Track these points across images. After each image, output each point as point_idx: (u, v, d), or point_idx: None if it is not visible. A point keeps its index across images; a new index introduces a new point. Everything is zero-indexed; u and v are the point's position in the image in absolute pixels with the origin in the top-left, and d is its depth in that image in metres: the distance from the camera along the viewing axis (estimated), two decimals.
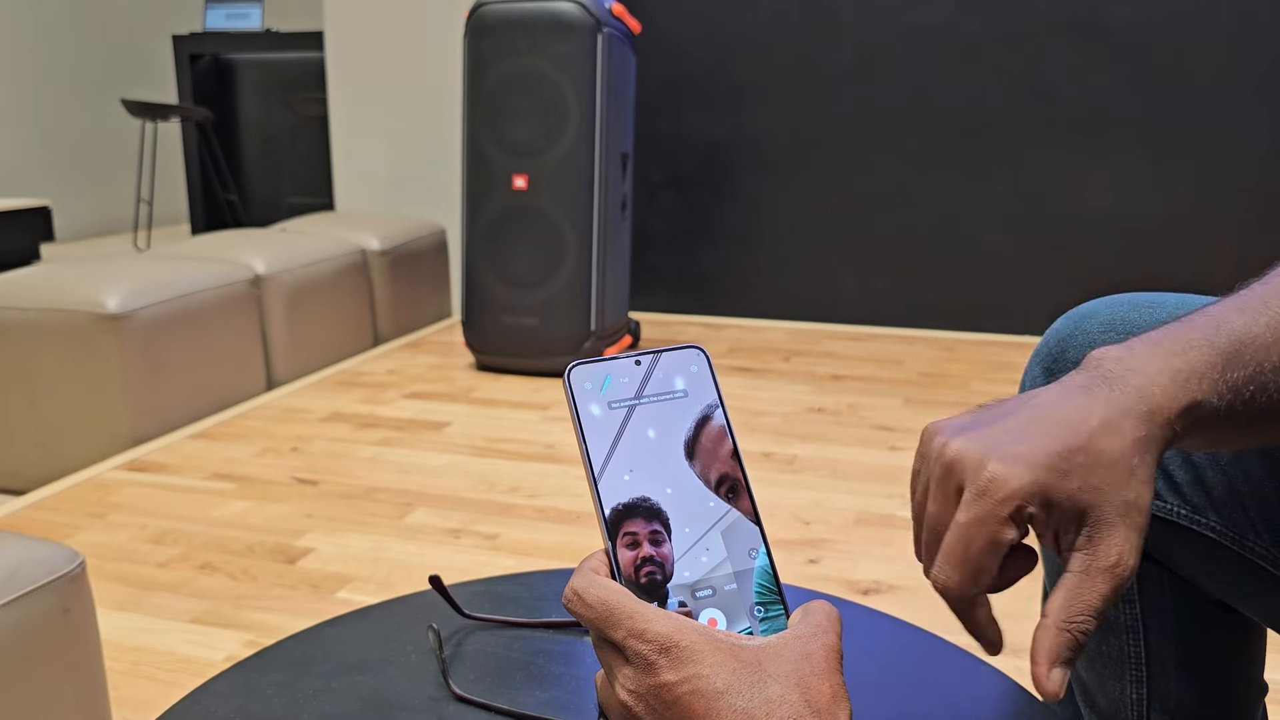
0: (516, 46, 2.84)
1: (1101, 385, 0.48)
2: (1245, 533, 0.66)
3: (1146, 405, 0.47)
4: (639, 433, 0.50)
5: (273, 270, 2.79)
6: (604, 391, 0.51)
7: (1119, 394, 0.48)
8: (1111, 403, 0.48)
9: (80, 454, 2.31)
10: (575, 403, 0.50)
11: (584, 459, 0.49)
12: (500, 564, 1.79)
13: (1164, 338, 0.50)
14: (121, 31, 6.76)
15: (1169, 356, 0.49)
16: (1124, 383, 0.48)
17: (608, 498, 0.48)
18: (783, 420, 2.54)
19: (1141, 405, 0.47)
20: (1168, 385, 0.48)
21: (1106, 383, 0.48)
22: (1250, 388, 0.49)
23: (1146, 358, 0.49)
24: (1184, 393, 0.48)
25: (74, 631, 1.04)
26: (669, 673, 0.43)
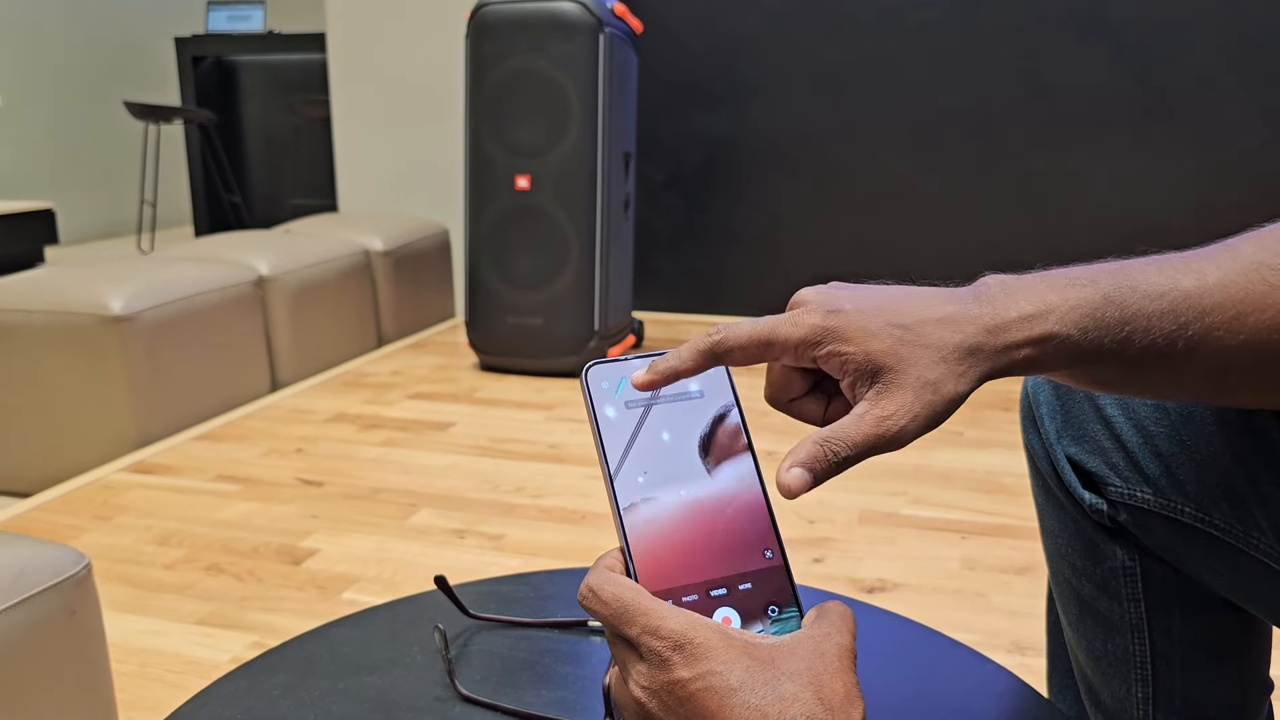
0: (518, 47, 2.84)
1: (969, 296, 0.51)
2: (1250, 530, 0.66)
3: (994, 321, 0.49)
4: (654, 433, 0.50)
5: (276, 271, 2.80)
6: (620, 392, 0.51)
7: (977, 307, 0.50)
8: (964, 310, 0.50)
9: (85, 456, 2.32)
10: (592, 402, 0.50)
11: (600, 458, 0.49)
12: (505, 564, 1.79)
13: (1056, 273, 0.52)
14: (124, 34, 6.77)
15: (1046, 290, 0.50)
16: (990, 300, 0.50)
17: (623, 497, 0.49)
18: (786, 419, 2.54)
19: (991, 319, 0.49)
20: (1029, 313, 0.49)
21: (976, 297, 0.51)
22: (1125, 329, 0.50)
23: (1026, 287, 0.51)
24: (1041, 323, 0.49)
25: (80, 634, 1.04)
26: (683, 669, 0.43)
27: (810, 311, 0.50)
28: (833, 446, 0.48)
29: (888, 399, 0.48)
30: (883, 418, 0.48)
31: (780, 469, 0.48)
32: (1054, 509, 0.79)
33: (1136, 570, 0.76)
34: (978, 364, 0.49)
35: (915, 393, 0.48)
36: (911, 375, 0.48)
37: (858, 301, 0.50)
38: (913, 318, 0.49)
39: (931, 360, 0.48)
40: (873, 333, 0.49)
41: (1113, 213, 3.27)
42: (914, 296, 0.51)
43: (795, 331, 0.50)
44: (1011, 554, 1.80)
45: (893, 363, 0.48)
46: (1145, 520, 0.71)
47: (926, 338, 0.49)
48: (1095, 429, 0.73)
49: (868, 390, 0.49)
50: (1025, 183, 3.33)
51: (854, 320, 0.49)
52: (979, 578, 1.72)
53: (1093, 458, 0.73)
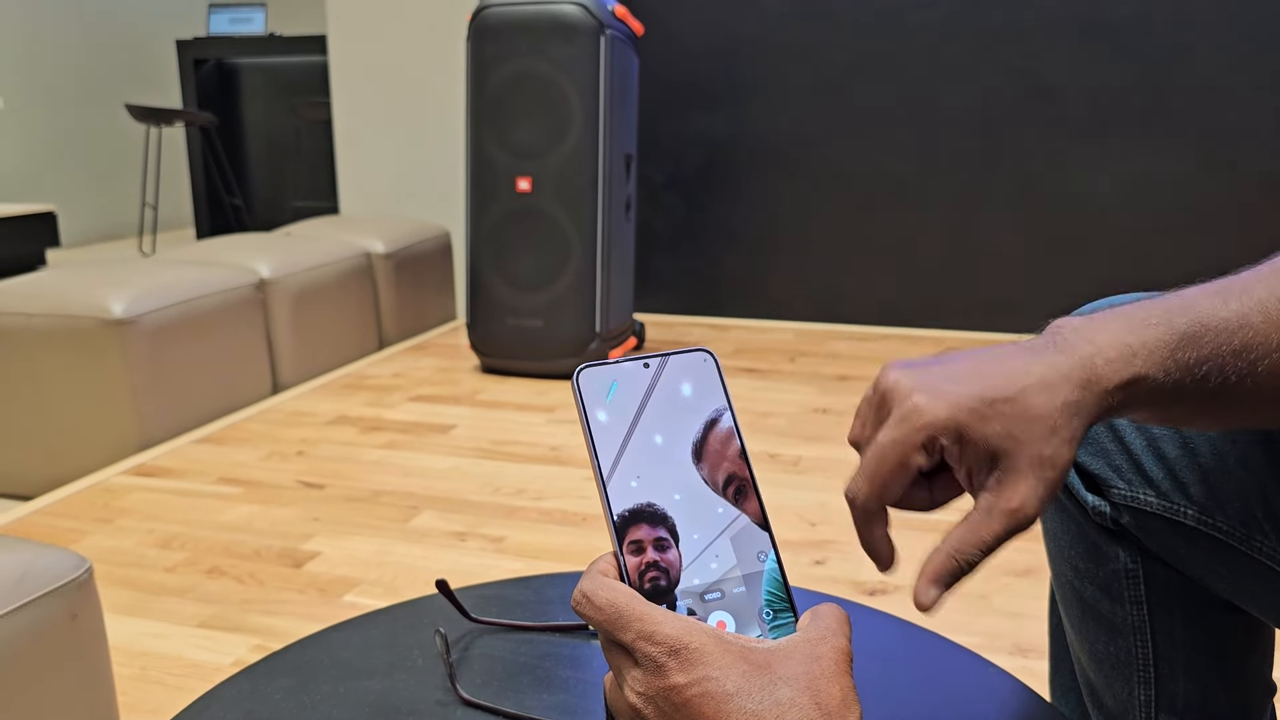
0: (519, 49, 2.84)
1: (1051, 349, 0.51)
2: (1253, 533, 0.66)
3: (1086, 373, 0.49)
4: (647, 437, 0.50)
5: (278, 274, 2.80)
6: (612, 395, 0.51)
7: (1063, 359, 0.50)
8: (1053, 365, 0.50)
9: (87, 459, 2.32)
10: (584, 406, 0.50)
11: (593, 463, 0.49)
12: (506, 567, 1.79)
13: (1126, 312, 0.52)
14: (125, 37, 6.78)
15: (1124, 331, 0.50)
16: (1072, 349, 0.50)
17: (616, 502, 0.49)
18: (788, 421, 2.54)
19: (1081, 372, 0.49)
20: (1113, 358, 0.50)
21: (1056, 348, 0.51)
22: (1204, 367, 0.50)
23: (1102, 329, 0.51)
24: (1128, 367, 0.49)
25: (82, 637, 1.04)
26: (678, 675, 0.43)
27: (923, 409, 0.49)
28: (965, 555, 0.48)
29: (1012, 488, 0.48)
30: (1012, 510, 0.48)
31: (917, 588, 0.49)
32: (1057, 511, 0.79)
33: (1139, 572, 0.75)
34: (1081, 424, 0.49)
35: (1037, 474, 0.48)
36: (1028, 456, 0.48)
37: (955, 379, 0.50)
38: (1011, 388, 0.49)
39: (1043, 435, 0.48)
40: (984, 415, 0.49)
41: (1113, 213, 3.26)
42: (998, 361, 0.51)
43: (918, 436, 0.49)
44: (1013, 556, 1.80)
45: (1009, 446, 0.48)
46: (1148, 523, 0.71)
47: (1031, 409, 0.48)
48: (1099, 431, 0.73)
49: (986, 478, 0.49)
50: (1025, 183, 3.33)
51: (966, 405, 0.49)
52: (981, 580, 1.72)
53: (1096, 460, 0.73)
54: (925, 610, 0.48)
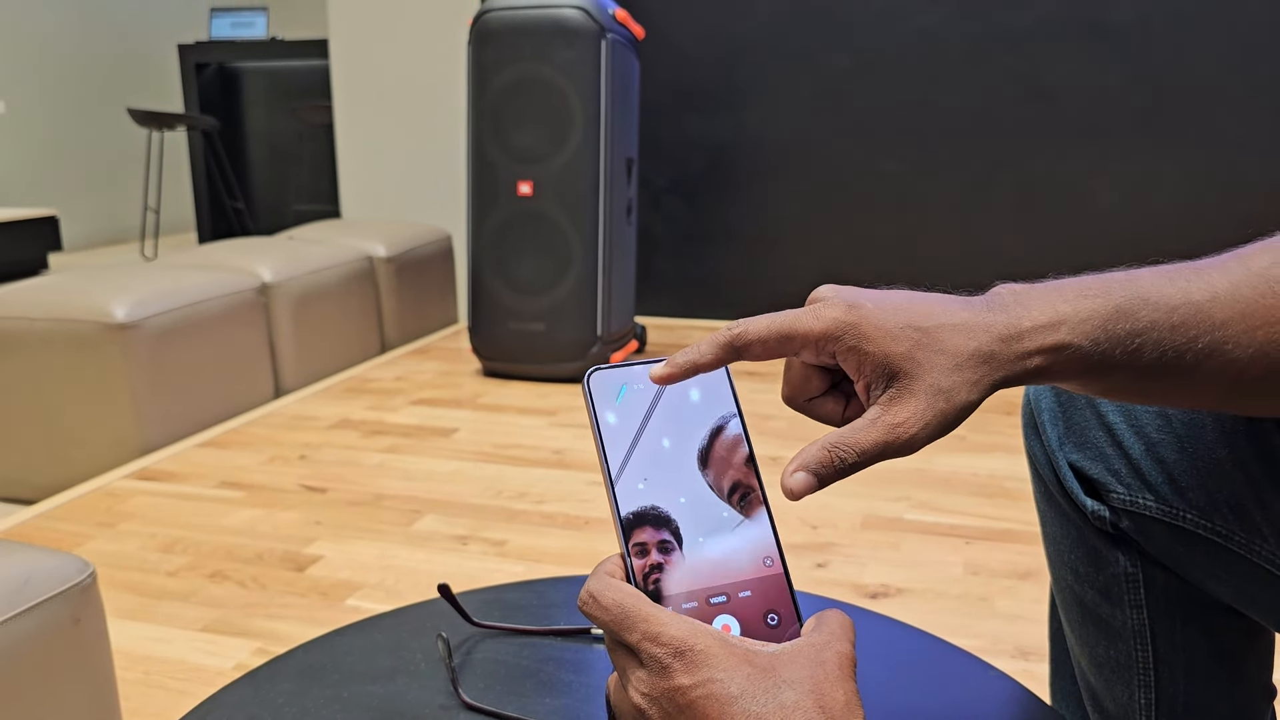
0: (521, 53, 2.84)
1: (983, 305, 0.51)
2: (1253, 537, 0.66)
3: (1008, 330, 0.50)
4: (655, 440, 0.50)
5: (280, 278, 2.80)
6: (621, 398, 0.51)
7: (991, 314, 0.50)
8: (979, 317, 0.50)
9: (89, 463, 2.32)
10: (594, 408, 0.50)
11: (601, 464, 0.50)
12: (508, 570, 1.79)
13: (1068, 283, 0.52)
14: (127, 41, 6.79)
15: (1058, 300, 0.51)
16: (1004, 309, 0.51)
17: (623, 504, 0.49)
18: (789, 424, 2.54)
19: (1004, 328, 0.50)
20: (1041, 322, 0.50)
21: (989, 305, 0.51)
22: (1136, 340, 0.50)
23: (1038, 296, 0.51)
24: (1053, 333, 0.50)
25: (85, 642, 1.04)
26: (683, 676, 0.43)
27: (832, 306, 0.50)
28: (840, 452, 0.48)
29: (900, 405, 0.48)
30: (894, 424, 0.48)
31: (785, 471, 0.49)
32: (1056, 515, 0.79)
33: (1139, 576, 0.76)
34: (991, 372, 0.49)
35: (928, 400, 0.48)
36: (926, 381, 0.48)
37: (878, 301, 0.51)
38: (930, 321, 0.50)
39: (946, 367, 0.49)
40: (891, 333, 0.49)
41: (1113, 217, 3.27)
42: (931, 301, 0.51)
43: (817, 325, 0.50)
44: (1015, 559, 1.80)
45: (908, 367, 0.49)
46: (1147, 527, 0.71)
47: (942, 343, 0.49)
48: (1097, 435, 0.73)
49: (881, 393, 0.49)
50: (1025, 187, 3.33)
51: (874, 318, 0.49)
52: (982, 583, 1.72)
53: (1095, 464, 0.73)
54: (794, 497, 0.48)
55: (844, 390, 0.55)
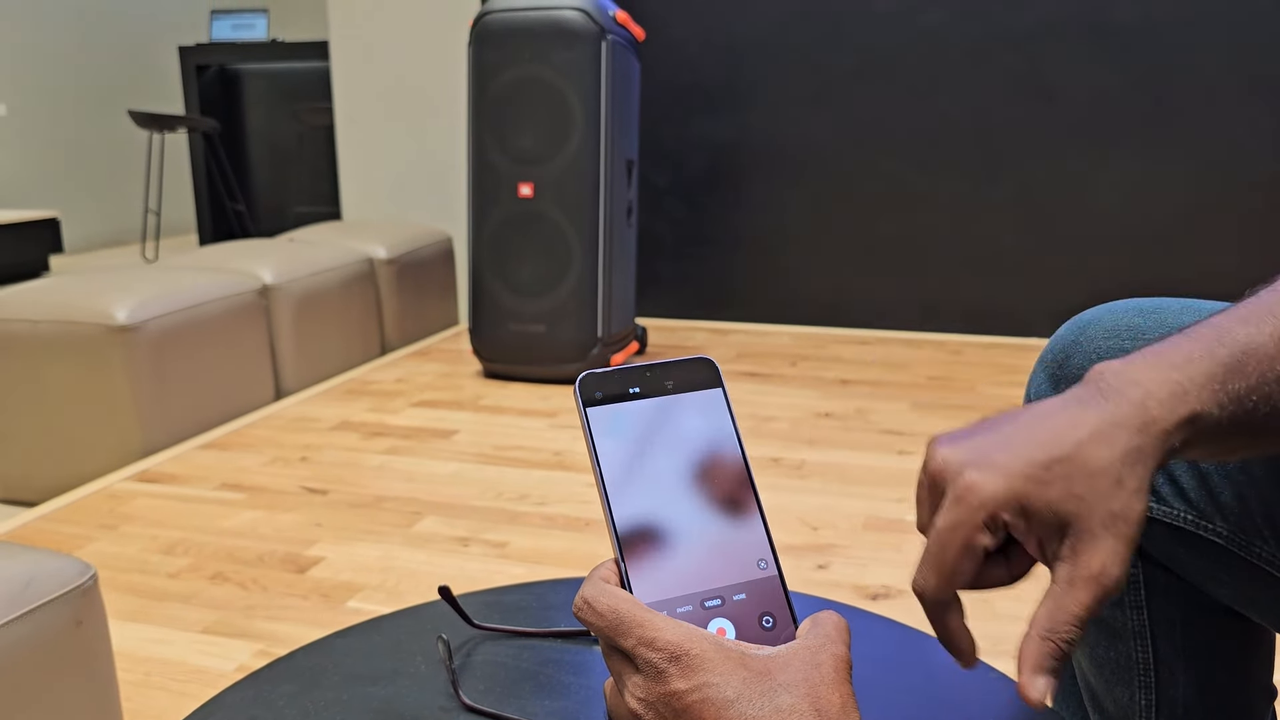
0: (521, 55, 2.85)
1: (1098, 398, 0.49)
2: (1253, 539, 0.66)
3: (1142, 417, 0.47)
4: (649, 443, 0.50)
5: (280, 280, 2.80)
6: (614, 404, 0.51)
7: (1114, 406, 0.48)
8: (1105, 414, 0.48)
9: (91, 465, 2.32)
10: (586, 413, 0.50)
11: (594, 469, 0.50)
12: (509, 572, 1.79)
13: (1166, 350, 0.50)
14: (128, 43, 6.80)
15: (1169, 369, 0.49)
16: (1121, 395, 0.48)
17: (618, 509, 0.49)
18: (791, 425, 2.54)
19: (1137, 417, 0.47)
20: (1166, 398, 0.48)
21: (1103, 395, 0.49)
22: (1253, 398, 0.49)
23: (1147, 370, 0.49)
24: (1183, 405, 0.48)
25: (86, 644, 1.04)
26: (679, 681, 0.43)
27: (976, 487, 0.47)
28: (1061, 635, 0.45)
29: (1088, 553, 0.46)
30: (1094, 576, 0.45)
31: (1022, 683, 0.46)
32: None
33: (1139, 578, 0.76)
34: (1146, 467, 0.47)
35: (1111, 534, 0.46)
36: (1099, 515, 0.46)
37: (1006, 446, 0.48)
38: (1063, 445, 0.47)
39: (1109, 489, 0.46)
40: (1041, 480, 0.46)
41: (1115, 216, 3.27)
42: (1044, 419, 0.48)
43: (978, 515, 0.47)
44: None
45: (1075, 508, 0.46)
46: (1148, 528, 0.71)
47: (1091, 463, 0.46)
48: None
49: (1059, 547, 0.47)
50: (1027, 186, 3.33)
51: (1020, 472, 0.47)
52: None
53: None
54: (1039, 706, 0.45)
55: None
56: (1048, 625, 0.46)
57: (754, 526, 0.50)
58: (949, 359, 3.17)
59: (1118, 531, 0.46)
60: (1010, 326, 3.40)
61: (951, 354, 3.23)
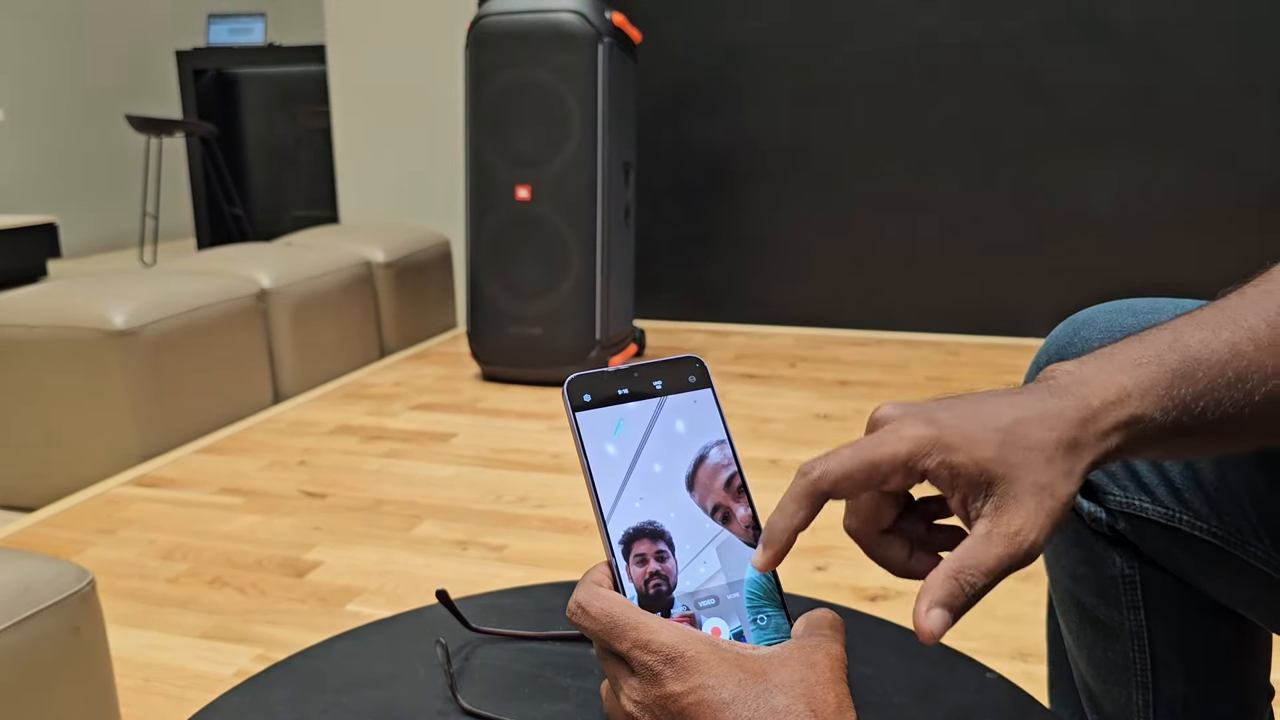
0: (518, 58, 2.85)
1: (1045, 392, 0.50)
2: (1248, 538, 0.66)
3: (1082, 414, 0.48)
4: (638, 443, 0.50)
5: (278, 284, 2.80)
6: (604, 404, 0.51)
7: (1058, 400, 0.49)
8: (1048, 406, 0.49)
9: (89, 470, 2.32)
10: (575, 415, 0.50)
11: (584, 470, 0.50)
12: (508, 575, 1.79)
13: (1116, 353, 0.51)
14: (125, 47, 6.79)
15: (1116, 372, 0.50)
16: (1067, 393, 0.49)
17: (609, 512, 0.49)
18: (789, 427, 2.55)
19: (1077, 413, 0.48)
20: (1110, 399, 0.49)
21: (1050, 391, 0.50)
22: (1200, 403, 0.50)
23: (1095, 372, 0.50)
24: (1124, 407, 0.49)
25: (84, 649, 1.04)
26: (674, 683, 0.43)
27: (907, 423, 0.48)
28: (968, 577, 0.46)
29: (1009, 512, 0.46)
30: (1011, 534, 0.46)
31: (917, 612, 0.46)
32: None
33: (1136, 578, 0.76)
34: (1079, 459, 0.48)
35: (1035, 501, 0.46)
36: (1026, 482, 0.47)
37: (948, 409, 0.49)
38: (1006, 419, 0.48)
39: (1039, 462, 0.47)
40: (976, 438, 0.47)
41: (1112, 217, 3.27)
42: (996, 399, 0.50)
43: (902, 446, 0.47)
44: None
45: (1003, 470, 0.47)
46: (1144, 528, 0.71)
47: (1026, 438, 0.47)
48: None
49: (982, 504, 0.47)
50: (1024, 188, 3.33)
51: (955, 428, 0.48)
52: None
53: None
54: (932, 640, 0.45)
55: (907, 532, 0.53)
56: (957, 565, 0.46)
57: (746, 525, 0.50)
58: (947, 359, 3.17)
59: (1042, 502, 0.46)
60: (1008, 327, 3.40)
61: (949, 354, 3.23)
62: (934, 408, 0.49)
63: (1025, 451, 0.47)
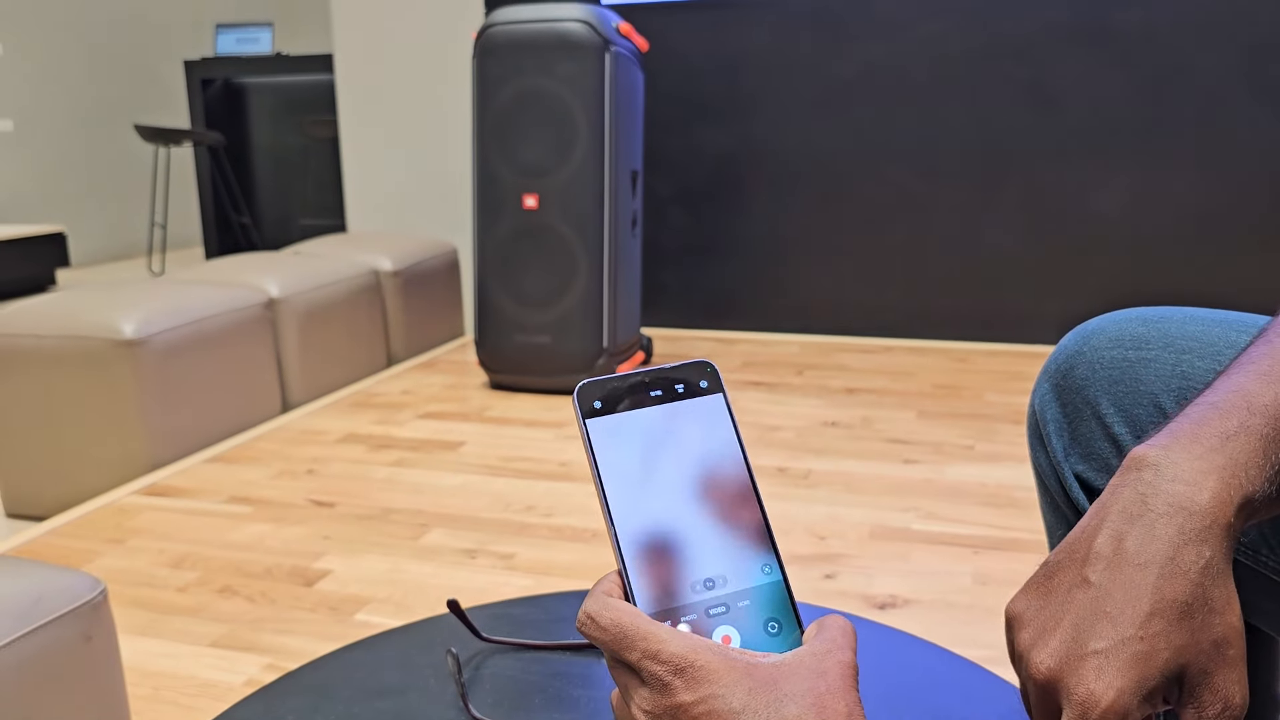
0: (525, 67, 2.86)
1: (1144, 510, 0.48)
2: (1259, 547, 0.66)
3: (1202, 521, 0.47)
4: (649, 451, 0.50)
5: (286, 293, 2.81)
6: (614, 410, 0.51)
7: (1168, 521, 0.47)
8: (1167, 535, 0.47)
9: (98, 479, 2.33)
10: (585, 423, 0.50)
11: (595, 479, 0.50)
12: (517, 584, 1.80)
13: (1200, 430, 0.50)
14: (134, 57, 6.83)
15: (1209, 453, 0.48)
16: (1171, 498, 0.48)
17: (619, 520, 0.49)
18: (797, 434, 2.55)
19: (1197, 522, 0.47)
20: (1217, 488, 0.47)
21: (1148, 504, 0.48)
22: None
23: (1187, 458, 0.49)
24: (1235, 491, 0.48)
25: (96, 659, 1.04)
26: (685, 693, 0.43)
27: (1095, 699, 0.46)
28: None
29: (1206, 693, 0.46)
30: (1217, 715, 0.46)
31: None
32: (1063, 527, 0.80)
33: None
34: (1223, 577, 0.47)
35: (1221, 664, 0.46)
36: (1204, 653, 0.46)
37: (1092, 630, 0.47)
38: (1144, 599, 0.46)
39: (1203, 622, 0.46)
40: (1144, 656, 0.46)
41: (1119, 223, 3.27)
42: (1107, 566, 0.48)
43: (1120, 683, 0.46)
44: (1024, 568, 1.80)
45: (1181, 658, 0.46)
46: None
47: (1176, 606, 0.46)
48: (1102, 446, 0.73)
49: (1181, 693, 0.47)
50: (1031, 194, 3.33)
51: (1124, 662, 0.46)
52: (992, 593, 1.72)
53: (1100, 475, 0.73)
54: None
55: None
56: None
57: (757, 532, 0.50)
58: (955, 367, 3.17)
59: (1225, 658, 0.46)
60: (1016, 334, 3.40)
61: (957, 361, 3.23)
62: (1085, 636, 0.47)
63: (1184, 624, 0.46)
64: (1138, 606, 0.46)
